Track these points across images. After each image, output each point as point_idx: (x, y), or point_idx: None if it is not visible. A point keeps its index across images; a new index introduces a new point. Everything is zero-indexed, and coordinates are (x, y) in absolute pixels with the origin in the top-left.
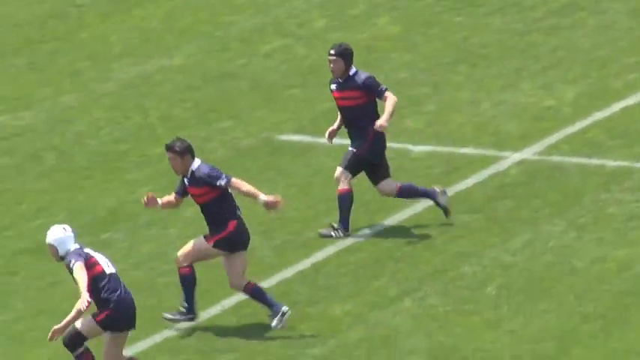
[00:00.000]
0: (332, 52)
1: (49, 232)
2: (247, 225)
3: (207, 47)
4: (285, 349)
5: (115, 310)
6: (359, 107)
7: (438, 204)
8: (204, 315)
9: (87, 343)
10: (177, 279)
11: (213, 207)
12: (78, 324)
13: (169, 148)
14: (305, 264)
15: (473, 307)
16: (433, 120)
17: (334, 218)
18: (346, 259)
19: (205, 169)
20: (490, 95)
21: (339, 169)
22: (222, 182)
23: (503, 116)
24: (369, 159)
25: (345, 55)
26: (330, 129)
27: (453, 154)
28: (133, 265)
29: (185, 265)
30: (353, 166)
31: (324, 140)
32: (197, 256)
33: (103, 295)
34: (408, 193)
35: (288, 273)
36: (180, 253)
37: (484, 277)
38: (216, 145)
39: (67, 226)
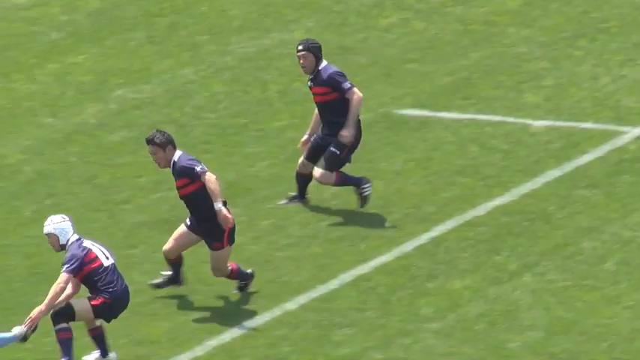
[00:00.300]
0: (300, 47)
1: (47, 222)
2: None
3: (326, 21)
4: (404, 323)
5: (111, 300)
6: (330, 103)
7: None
8: (323, 289)
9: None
10: (295, 253)
11: (198, 198)
12: (73, 302)
13: (149, 141)
14: (424, 238)
15: (592, 283)
16: (552, 95)
17: (453, 193)
18: (466, 234)
19: (184, 159)
20: (610, 70)
21: (319, 172)
22: (198, 169)
23: (623, 91)
24: (348, 160)
25: (313, 49)
26: (303, 139)
27: (573, 129)
28: (252, 238)
29: (227, 273)
30: (335, 167)
31: (442, 114)
32: (227, 260)
33: (100, 286)
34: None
35: (407, 247)
36: (215, 269)
37: (603, 252)
38: None
39: (64, 215)
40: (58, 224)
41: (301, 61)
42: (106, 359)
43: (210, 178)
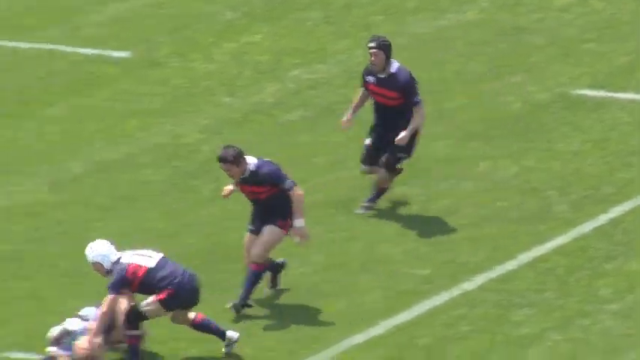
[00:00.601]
0: (372, 44)
1: (87, 251)
2: None
3: (500, 1)
4: (583, 304)
5: (175, 290)
6: (396, 107)
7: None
8: (500, 270)
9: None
10: (472, 234)
11: (277, 199)
12: (142, 304)
13: (223, 160)
14: (602, 219)
15: None
16: None
17: (631, 174)
18: None
19: (266, 167)
20: None
21: (381, 172)
22: (286, 186)
23: None
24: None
25: (384, 47)
26: (346, 118)
27: None
28: (429, 218)
29: (264, 259)
30: (395, 169)
31: (619, 95)
32: (275, 244)
33: (159, 286)
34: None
35: (585, 228)
36: (257, 248)
37: None
38: (511, 99)
39: (101, 240)
40: (97, 252)
41: (372, 58)
42: (226, 340)
43: (298, 194)
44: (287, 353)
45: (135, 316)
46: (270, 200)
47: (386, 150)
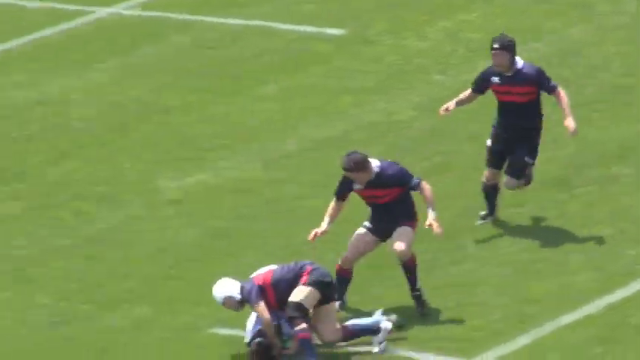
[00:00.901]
0: (496, 45)
1: (215, 293)
2: None
3: None
4: None
5: (313, 267)
6: (527, 104)
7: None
8: None
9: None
10: None
11: (395, 203)
12: (293, 298)
13: (349, 168)
14: None
15: None
16: None
17: None
18: None
19: (390, 168)
20: None
21: (512, 181)
22: (413, 184)
23: None
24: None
25: (509, 47)
26: (447, 107)
27: None
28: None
29: (410, 254)
30: (524, 175)
31: None
32: (413, 239)
33: (293, 275)
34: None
35: None
36: (400, 244)
37: None
38: None
39: (219, 282)
40: (222, 290)
41: (495, 60)
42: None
43: (428, 187)
44: (494, 333)
45: (294, 311)
46: (389, 204)
47: (510, 154)
